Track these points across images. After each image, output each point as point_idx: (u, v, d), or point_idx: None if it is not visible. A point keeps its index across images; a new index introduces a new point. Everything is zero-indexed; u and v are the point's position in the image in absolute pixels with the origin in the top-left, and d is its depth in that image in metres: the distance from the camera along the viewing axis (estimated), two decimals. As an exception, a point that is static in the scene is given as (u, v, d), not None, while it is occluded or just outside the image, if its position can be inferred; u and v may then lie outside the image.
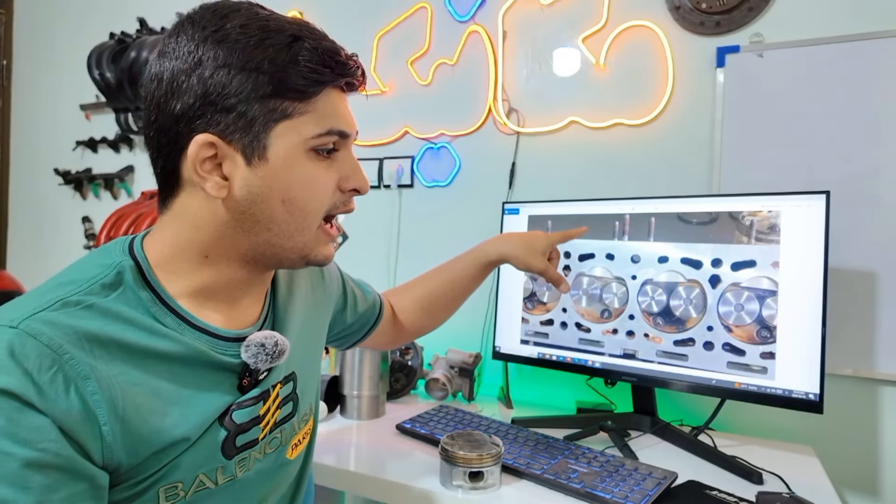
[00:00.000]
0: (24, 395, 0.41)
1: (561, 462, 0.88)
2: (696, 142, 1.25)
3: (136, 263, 0.52)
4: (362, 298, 0.87)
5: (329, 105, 0.54)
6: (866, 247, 1.10)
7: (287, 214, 0.54)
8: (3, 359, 0.41)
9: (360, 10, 1.60)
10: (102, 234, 1.70)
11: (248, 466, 0.58)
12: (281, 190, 0.53)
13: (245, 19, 0.51)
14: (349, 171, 0.57)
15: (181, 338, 0.51)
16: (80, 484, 0.43)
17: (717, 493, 0.81)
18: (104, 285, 0.49)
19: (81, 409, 0.43)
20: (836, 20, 1.14)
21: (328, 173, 0.55)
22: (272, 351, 0.56)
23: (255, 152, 0.51)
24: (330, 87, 0.54)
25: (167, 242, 0.54)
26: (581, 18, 1.36)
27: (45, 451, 0.41)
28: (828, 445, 1.12)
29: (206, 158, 0.51)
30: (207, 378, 0.53)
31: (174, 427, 0.49)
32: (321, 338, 0.77)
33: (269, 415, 0.59)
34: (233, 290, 0.57)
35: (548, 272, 0.90)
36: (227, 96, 0.49)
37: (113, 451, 0.45)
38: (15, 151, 2.31)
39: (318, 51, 0.51)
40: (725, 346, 0.98)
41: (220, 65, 0.49)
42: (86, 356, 0.44)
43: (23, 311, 0.44)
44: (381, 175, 1.58)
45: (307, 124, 0.52)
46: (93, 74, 1.86)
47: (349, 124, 0.56)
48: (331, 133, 0.54)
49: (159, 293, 0.52)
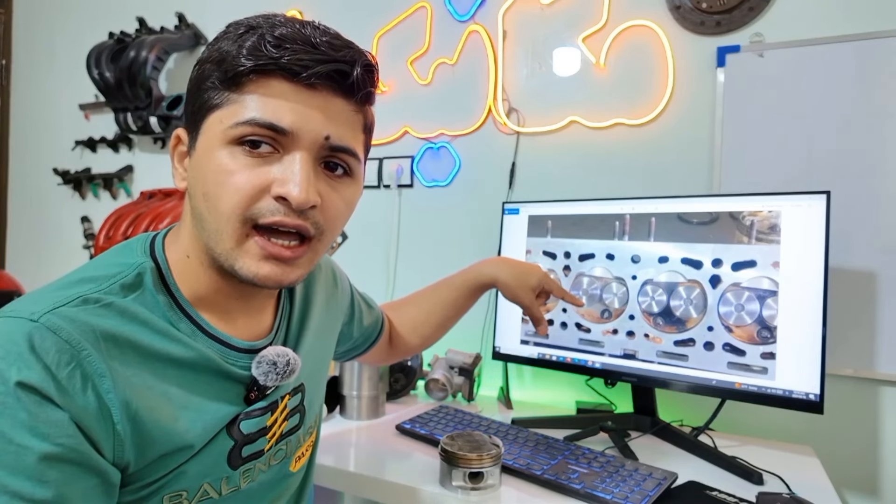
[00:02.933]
0: (44, 389, 0.41)
1: (561, 462, 0.88)
2: (696, 142, 1.25)
3: (156, 265, 0.52)
4: (367, 311, 0.86)
5: (265, 94, 0.47)
6: (866, 247, 1.10)
7: (207, 212, 0.49)
8: (23, 352, 0.41)
9: (359, 10, 1.60)
10: (101, 234, 1.70)
11: (253, 478, 0.57)
12: (201, 182, 0.49)
13: (240, 20, 0.50)
14: (284, 174, 0.47)
15: (194, 344, 0.51)
16: (94, 479, 0.43)
17: (718, 494, 0.81)
18: (124, 286, 0.49)
19: (97, 407, 0.43)
20: (836, 20, 1.14)
21: (253, 171, 0.47)
22: (283, 370, 0.55)
23: (193, 143, 0.51)
24: (273, 76, 0.47)
25: (178, 242, 0.55)
26: (581, 18, 1.36)
27: (63, 446, 0.41)
28: (828, 445, 1.11)
29: (174, 148, 0.54)
30: (215, 386, 0.53)
31: (182, 432, 0.49)
32: (330, 350, 0.76)
33: (276, 426, 0.59)
34: (224, 300, 0.54)
35: (532, 308, 0.89)
36: (189, 91, 0.51)
37: (124, 450, 0.45)
38: (14, 151, 2.31)
39: (264, 36, 0.47)
40: (726, 347, 0.98)
41: (196, 63, 0.52)
42: (102, 354, 0.45)
43: (43, 305, 0.44)
44: (381, 175, 1.57)
45: (232, 114, 0.47)
46: (92, 74, 1.86)
47: (283, 117, 0.47)
48: (252, 123, 0.46)
49: (176, 297, 0.52)
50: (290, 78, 0.47)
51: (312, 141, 0.49)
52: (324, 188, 0.51)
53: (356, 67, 0.49)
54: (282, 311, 0.63)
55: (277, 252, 0.49)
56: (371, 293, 0.93)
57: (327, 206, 0.51)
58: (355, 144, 0.52)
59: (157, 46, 1.78)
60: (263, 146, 0.48)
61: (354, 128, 0.52)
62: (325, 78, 0.48)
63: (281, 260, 0.49)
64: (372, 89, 0.52)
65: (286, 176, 0.47)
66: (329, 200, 0.51)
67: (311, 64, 0.47)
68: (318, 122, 0.48)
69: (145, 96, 1.80)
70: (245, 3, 1.80)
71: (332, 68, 0.48)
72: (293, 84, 0.47)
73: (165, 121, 1.81)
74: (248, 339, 0.57)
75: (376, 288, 1.56)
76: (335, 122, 0.50)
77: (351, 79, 0.49)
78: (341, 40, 0.50)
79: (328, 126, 0.49)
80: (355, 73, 0.49)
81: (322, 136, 0.49)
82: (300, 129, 0.48)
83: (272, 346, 0.58)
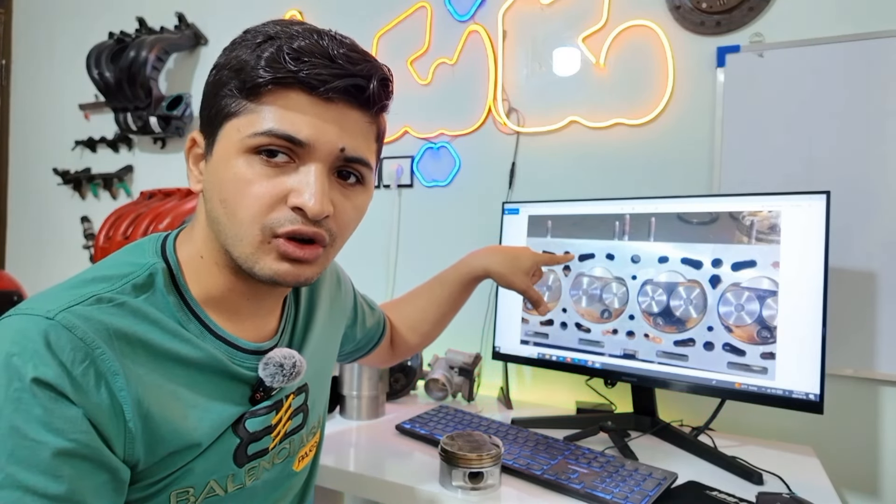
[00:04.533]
0: (60, 386, 0.42)
1: (561, 462, 0.88)
2: (696, 142, 1.25)
3: (167, 265, 0.53)
4: (370, 313, 0.87)
5: (283, 106, 0.48)
6: (866, 247, 1.10)
7: (225, 218, 0.50)
8: (40, 349, 0.42)
9: (359, 10, 1.60)
10: (101, 234, 1.70)
11: (258, 476, 0.58)
12: (218, 188, 0.50)
13: (257, 26, 0.51)
14: (300, 185, 0.49)
15: (202, 344, 0.52)
16: (105, 475, 0.44)
17: (717, 494, 0.81)
18: (136, 286, 0.50)
19: (110, 404, 0.44)
20: (837, 20, 1.14)
21: (270, 182, 0.48)
22: (289, 372, 0.56)
23: (210, 148, 0.52)
24: (291, 88, 0.48)
25: (191, 243, 0.55)
26: (581, 18, 1.36)
27: (76, 442, 0.42)
28: (828, 445, 1.12)
29: (189, 150, 0.55)
30: (221, 387, 0.54)
31: (191, 431, 0.50)
32: (334, 352, 0.77)
33: (281, 425, 0.60)
34: (237, 300, 0.55)
35: (528, 292, 0.89)
36: (206, 95, 0.52)
37: (134, 447, 0.46)
38: (14, 151, 2.31)
39: (282, 49, 0.47)
40: (726, 347, 0.98)
41: (213, 67, 0.52)
42: (115, 353, 0.45)
43: (59, 303, 0.45)
44: (381, 175, 1.57)
45: (250, 123, 0.48)
46: (92, 74, 1.85)
47: (300, 130, 0.48)
48: (269, 134, 0.47)
49: (186, 298, 0.53)
50: (308, 91, 0.48)
51: (328, 153, 0.49)
52: (337, 197, 0.52)
53: (372, 81, 0.50)
54: (287, 313, 0.63)
55: (296, 254, 0.50)
56: (371, 293, 0.93)
57: (339, 214, 0.52)
58: (368, 154, 0.53)
59: (157, 46, 1.78)
60: (280, 156, 0.49)
61: (368, 138, 0.53)
62: (342, 92, 0.49)
63: (297, 260, 0.50)
64: (387, 102, 0.53)
65: (302, 187, 0.49)
66: (341, 208, 0.52)
67: (329, 79, 0.48)
68: (334, 135, 0.49)
69: (145, 96, 1.80)
70: (245, 4, 1.80)
71: (349, 83, 0.48)
72: (311, 97, 0.48)
73: (165, 121, 1.81)
74: (255, 340, 0.58)
75: (376, 288, 1.56)
76: (350, 134, 0.50)
77: (367, 93, 0.50)
78: (358, 52, 0.50)
79: (343, 138, 0.50)
80: (371, 87, 0.50)
81: (337, 147, 0.50)
82: (316, 141, 0.48)
83: (278, 347, 0.59)
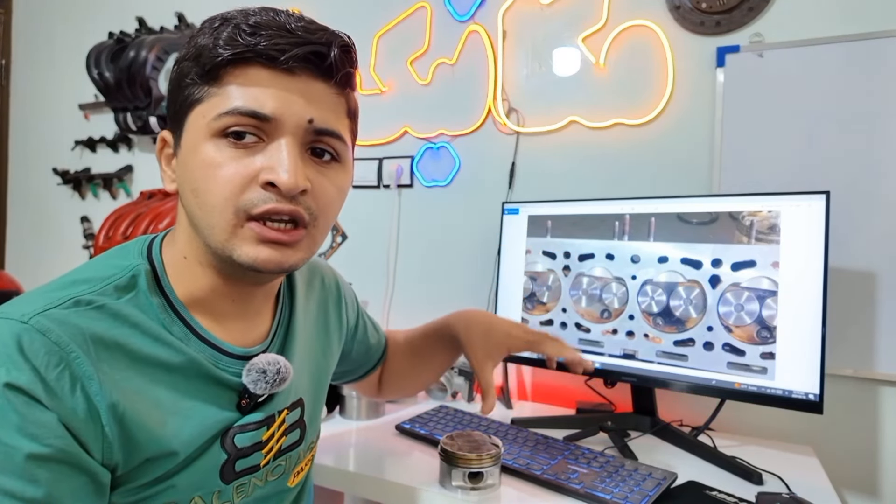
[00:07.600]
0: (32, 391, 0.41)
1: (561, 462, 0.88)
2: (696, 142, 1.25)
3: (152, 267, 0.52)
4: (373, 331, 0.85)
5: (245, 83, 0.47)
6: (866, 247, 1.10)
7: (198, 209, 0.48)
8: (12, 353, 0.41)
9: (359, 10, 1.60)
10: (101, 234, 1.70)
11: (248, 493, 0.57)
12: (189, 179, 0.49)
13: (215, 15, 0.50)
14: (271, 161, 0.47)
15: (185, 348, 0.51)
16: (83, 478, 0.43)
17: (717, 494, 0.81)
18: (118, 287, 0.49)
19: (86, 408, 0.43)
20: (836, 20, 1.14)
21: (240, 162, 0.47)
22: (272, 379, 0.54)
23: (178, 142, 0.51)
24: (251, 64, 0.47)
25: (175, 244, 0.54)
26: (581, 18, 1.36)
27: (51, 447, 0.41)
28: (828, 445, 1.11)
29: (160, 151, 0.54)
30: (206, 391, 0.52)
31: (169, 438, 0.48)
32: (330, 367, 0.74)
33: (274, 441, 0.58)
34: (221, 302, 0.54)
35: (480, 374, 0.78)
36: (170, 91, 0.51)
37: (112, 451, 0.45)
38: (14, 151, 2.31)
39: (239, 26, 0.46)
40: (725, 347, 0.98)
41: (174, 63, 0.51)
42: (90, 357, 0.44)
43: (34, 307, 0.44)
44: (381, 175, 1.57)
45: (214, 106, 0.47)
46: (91, 74, 1.85)
47: (265, 104, 0.46)
48: (234, 112, 0.46)
49: (171, 300, 0.51)
50: (268, 64, 0.47)
51: (296, 125, 0.48)
52: (312, 174, 0.50)
53: (333, 48, 0.49)
54: (279, 319, 0.62)
55: (275, 236, 0.48)
56: (371, 293, 0.92)
57: (318, 192, 0.51)
58: (340, 127, 0.52)
59: (157, 46, 1.78)
60: (248, 136, 0.47)
61: (337, 111, 0.52)
62: (302, 61, 0.48)
63: (279, 244, 0.49)
64: (351, 70, 0.52)
65: (273, 163, 0.47)
66: (319, 186, 0.51)
67: (287, 48, 0.46)
68: (300, 106, 0.48)
69: (145, 96, 1.80)
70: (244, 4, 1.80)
71: (308, 50, 0.47)
72: (272, 70, 0.47)
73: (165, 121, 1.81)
74: (243, 345, 0.56)
75: (376, 288, 1.56)
76: (317, 106, 0.49)
77: (328, 60, 0.49)
78: (316, 25, 0.50)
79: (310, 109, 0.49)
80: (332, 54, 0.49)
81: (305, 119, 0.48)
82: (283, 114, 0.47)
83: (265, 353, 0.57)
